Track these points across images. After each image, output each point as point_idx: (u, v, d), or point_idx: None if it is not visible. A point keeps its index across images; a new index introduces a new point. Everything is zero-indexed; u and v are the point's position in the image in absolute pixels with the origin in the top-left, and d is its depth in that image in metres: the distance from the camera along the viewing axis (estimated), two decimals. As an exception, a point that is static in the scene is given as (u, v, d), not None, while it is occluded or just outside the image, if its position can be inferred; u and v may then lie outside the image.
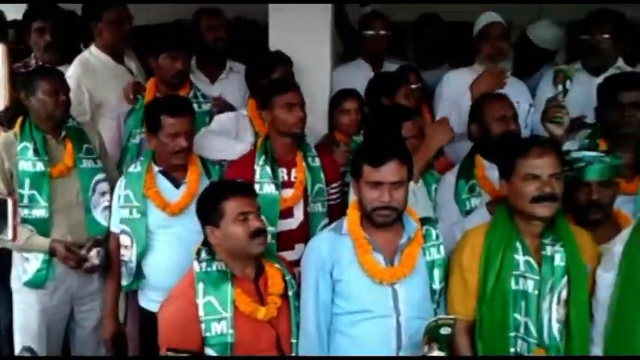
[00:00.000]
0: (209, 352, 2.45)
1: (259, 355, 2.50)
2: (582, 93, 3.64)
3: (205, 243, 2.57)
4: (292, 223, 3.09)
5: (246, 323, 2.47)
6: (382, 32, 4.15)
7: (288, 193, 3.07)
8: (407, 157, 2.51)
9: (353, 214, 2.55)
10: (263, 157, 3.06)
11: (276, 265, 2.58)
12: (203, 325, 2.44)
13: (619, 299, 2.37)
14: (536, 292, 2.41)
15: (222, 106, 3.73)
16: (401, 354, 2.44)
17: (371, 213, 2.46)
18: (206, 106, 3.58)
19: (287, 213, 3.07)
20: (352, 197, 2.68)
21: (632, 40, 3.85)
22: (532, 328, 2.41)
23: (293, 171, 3.10)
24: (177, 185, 3.01)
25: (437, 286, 2.53)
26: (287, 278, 2.57)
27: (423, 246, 2.54)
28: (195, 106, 3.34)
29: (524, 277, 2.42)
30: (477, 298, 2.47)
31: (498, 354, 2.42)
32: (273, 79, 3.33)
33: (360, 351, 2.45)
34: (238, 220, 2.47)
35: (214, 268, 2.51)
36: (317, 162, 3.16)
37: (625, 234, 2.45)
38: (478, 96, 3.27)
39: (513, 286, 2.43)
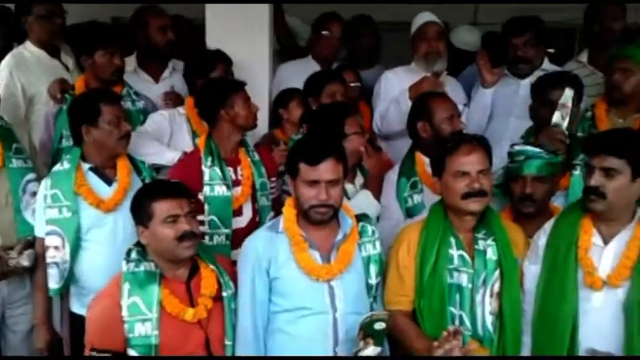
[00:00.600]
0: (132, 353, 2.41)
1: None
2: (508, 95, 3.77)
3: (139, 242, 2.53)
4: (242, 221, 3.08)
5: (173, 325, 2.43)
6: (336, 34, 4.21)
7: (237, 191, 3.08)
8: (342, 155, 2.52)
9: (289, 212, 2.55)
10: (210, 158, 3.04)
11: (211, 267, 2.54)
12: (126, 326, 2.40)
13: (543, 290, 2.45)
14: (470, 285, 2.46)
15: (176, 98, 3.74)
16: (338, 349, 2.46)
17: (308, 211, 2.47)
18: (140, 104, 3.54)
19: (237, 211, 3.07)
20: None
21: (556, 41, 3.97)
22: (466, 321, 2.46)
23: (238, 168, 3.10)
24: (108, 182, 2.94)
25: (373, 281, 2.55)
26: (223, 280, 2.54)
27: (359, 242, 2.56)
28: (128, 104, 3.31)
29: (459, 271, 2.47)
30: (415, 293, 2.50)
31: None
32: (226, 79, 3.32)
33: (299, 348, 2.46)
34: (167, 223, 2.44)
35: (142, 268, 2.47)
36: (257, 156, 3.18)
37: (548, 226, 2.53)
38: (419, 95, 3.31)
39: (448, 279, 2.47)
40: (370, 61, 4.55)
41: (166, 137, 3.38)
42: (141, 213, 2.48)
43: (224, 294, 2.51)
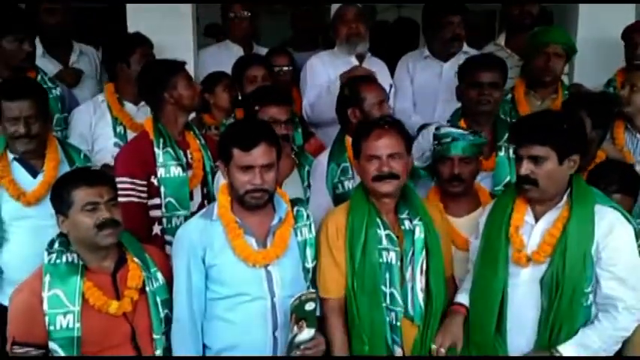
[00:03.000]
0: (53, 346, 2.34)
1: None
2: (431, 77, 3.88)
3: (63, 233, 2.45)
4: (193, 206, 3.03)
5: (96, 318, 2.37)
6: (244, 15, 4.14)
7: (188, 173, 3.03)
8: (275, 139, 2.52)
9: (223, 198, 2.53)
10: (162, 140, 2.97)
11: (136, 260, 2.48)
12: (47, 319, 2.33)
13: (479, 263, 2.57)
14: (399, 263, 2.53)
15: (74, 74, 3.70)
16: (277, 334, 2.47)
17: (243, 196, 2.45)
18: (56, 92, 3.45)
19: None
20: (222, 181, 2.64)
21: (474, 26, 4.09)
22: (398, 298, 2.52)
23: (188, 152, 3.06)
24: (34, 174, 2.84)
25: (310, 264, 2.58)
26: (149, 272, 2.48)
27: (295, 226, 2.57)
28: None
29: (387, 250, 2.54)
30: (347, 275, 2.54)
31: (376, 326, 2.52)
32: (166, 60, 3.20)
33: (238, 335, 2.46)
34: (86, 210, 2.36)
35: (64, 259, 2.40)
36: (203, 140, 3.15)
37: (489, 206, 2.66)
38: (348, 81, 3.32)
39: (378, 259, 2.53)
40: (313, 43, 4.49)
41: (89, 137, 3.34)
42: (60, 201, 2.40)
43: (147, 288, 2.46)
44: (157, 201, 2.93)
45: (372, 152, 2.53)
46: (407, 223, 2.57)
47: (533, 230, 2.48)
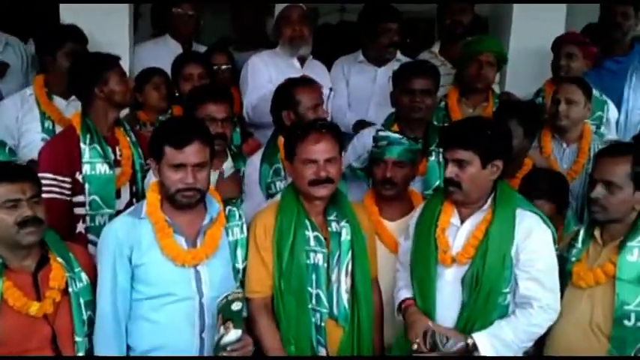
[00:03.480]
0: None
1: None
2: (365, 81, 3.93)
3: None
4: (119, 204, 2.97)
5: (15, 319, 2.30)
6: (190, 12, 4.09)
7: (116, 171, 2.97)
8: (208, 137, 2.49)
9: (152, 196, 2.49)
10: (89, 136, 2.90)
11: (59, 259, 2.41)
12: None
13: (413, 263, 2.63)
14: (325, 265, 2.55)
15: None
16: (204, 335, 2.44)
17: (174, 195, 2.42)
18: None
19: (116, 193, 2.97)
20: (152, 179, 2.60)
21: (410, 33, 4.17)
22: (323, 299, 2.54)
23: (117, 148, 3.00)
24: None
25: (240, 265, 2.56)
26: (73, 272, 2.41)
27: (226, 226, 2.55)
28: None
29: (315, 252, 2.55)
30: (273, 275, 2.54)
31: (302, 327, 2.53)
32: (99, 54, 3.13)
33: (164, 335, 2.42)
34: (5, 208, 2.28)
35: None
36: (134, 137, 3.09)
37: (419, 208, 2.72)
38: (283, 82, 3.27)
39: (305, 260, 2.54)
40: (256, 41, 4.45)
41: (15, 131, 3.24)
42: None
43: (70, 289, 2.39)
44: (81, 198, 2.87)
45: (309, 156, 2.53)
46: (334, 225, 2.59)
47: (459, 232, 2.55)
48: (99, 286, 2.44)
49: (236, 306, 2.33)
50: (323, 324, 2.54)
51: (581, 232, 2.58)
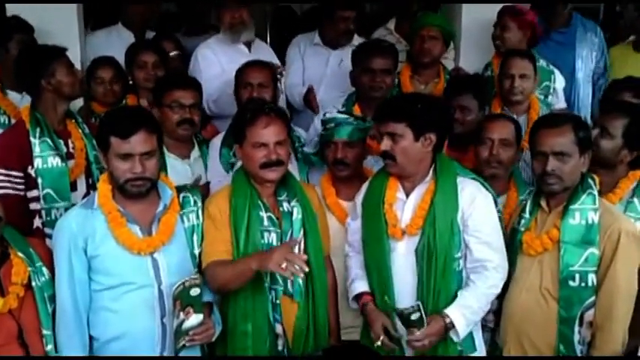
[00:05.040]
0: None
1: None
2: (318, 63, 3.96)
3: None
4: (77, 196, 2.97)
5: None
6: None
7: (70, 163, 2.96)
8: (155, 126, 2.49)
9: (103, 187, 2.49)
10: (38, 129, 2.88)
11: (20, 254, 2.41)
12: None
13: (365, 241, 2.70)
14: (279, 244, 2.58)
15: None
16: (165, 321, 2.47)
17: (123, 184, 2.43)
18: None
19: (71, 186, 2.96)
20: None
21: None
22: (278, 277, 2.57)
23: (69, 141, 2.98)
24: None
25: (197, 250, 2.58)
26: (35, 266, 2.42)
27: (181, 213, 2.56)
28: None
29: (269, 232, 2.59)
30: (232, 255, 2.55)
31: (258, 304, 2.56)
32: (45, 45, 3.10)
33: (125, 324, 2.44)
34: None
35: None
36: (87, 129, 3.07)
37: (364, 187, 2.76)
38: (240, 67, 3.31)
39: (261, 240, 2.57)
40: (203, 27, 4.43)
41: None
42: None
43: (33, 283, 2.40)
44: (35, 193, 2.86)
45: (259, 140, 2.55)
46: (285, 205, 2.63)
47: (405, 205, 2.62)
48: (57, 280, 2.45)
49: (194, 292, 2.35)
50: (278, 301, 2.59)
51: (529, 203, 2.66)
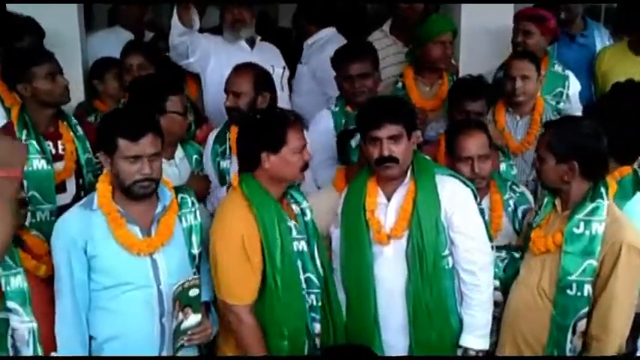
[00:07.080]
0: None
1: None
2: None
3: None
4: (66, 198, 2.97)
5: None
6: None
7: (58, 166, 2.96)
8: (159, 128, 2.50)
9: (103, 187, 2.48)
10: (25, 132, 2.88)
11: (33, 233, 2.44)
12: None
13: (344, 250, 2.69)
14: (307, 248, 2.56)
15: None
16: (164, 321, 2.47)
17: (131, 186, 2.42)
18: None
19: (59, 187, 2.97)
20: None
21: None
22: (315, 280, 2.56)
23: (59, 143, 2.99)
24: None
25: (195, 251, 2.58)
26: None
27: (179, 213, 2.56)
28: None
29: (298, 240, 2.55)
30: (267, 276, 2.46)
31: (297, 315, 2.52)
32: (27, 49, 3.13)
33: (124, 324, 2.45)
34: None
35: None
36: (81, 131, 3.07)
37: (343, 195, 2.75)
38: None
39: (294, 250, 2.53)
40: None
41: None
42: None
43: None
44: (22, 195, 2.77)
45: (300, 144, 2.50)
46: (294, 207, 2.61)
47: (388, 209, 2.62)
48: (56, 281, 2.45)
49: (193, 292, 2.37)
50: (319, 303, 2.58)
51: (545, 200, 2.65)
